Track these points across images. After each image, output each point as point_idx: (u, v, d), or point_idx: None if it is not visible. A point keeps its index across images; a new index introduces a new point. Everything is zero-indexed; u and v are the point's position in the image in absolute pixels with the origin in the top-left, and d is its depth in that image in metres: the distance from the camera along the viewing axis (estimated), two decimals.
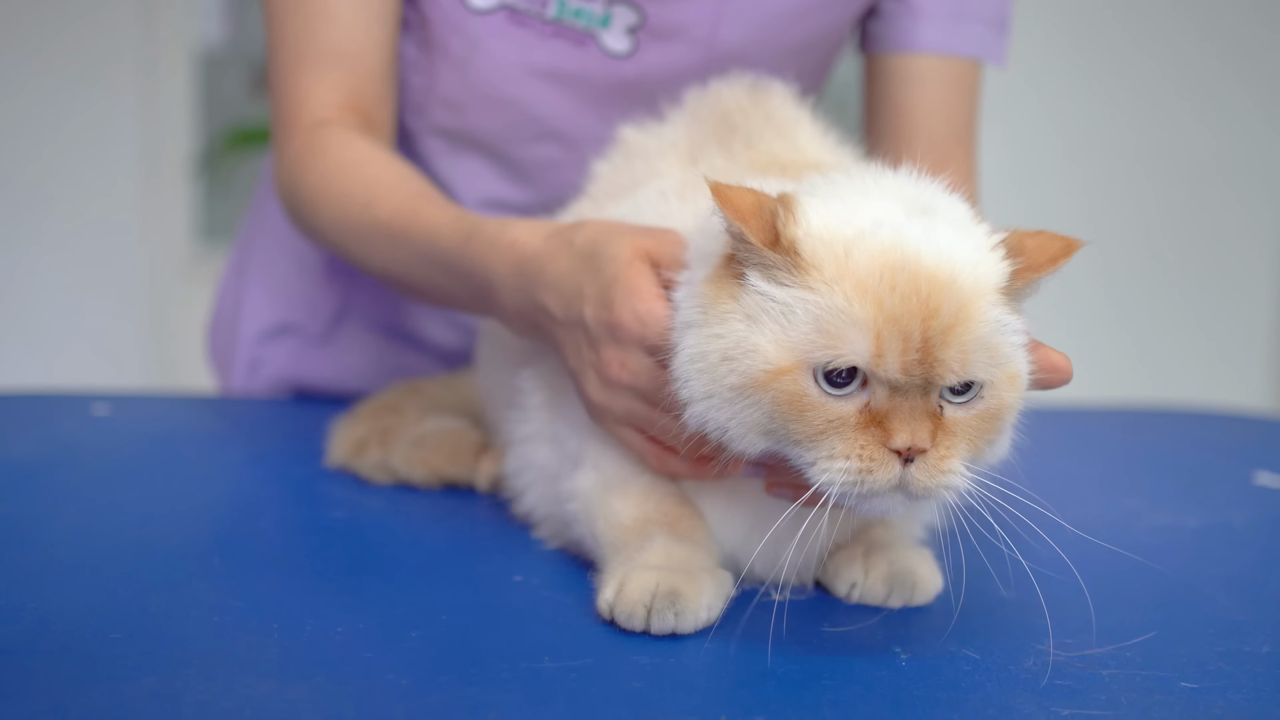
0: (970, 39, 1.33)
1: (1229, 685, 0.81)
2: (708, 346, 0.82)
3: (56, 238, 3.66)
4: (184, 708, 0.71)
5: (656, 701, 0.76)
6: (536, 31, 1.26)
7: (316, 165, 1.22)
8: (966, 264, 0.81)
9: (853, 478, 0.79)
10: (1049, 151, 3.89)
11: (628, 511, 0.93)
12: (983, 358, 0.81)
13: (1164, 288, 4.02)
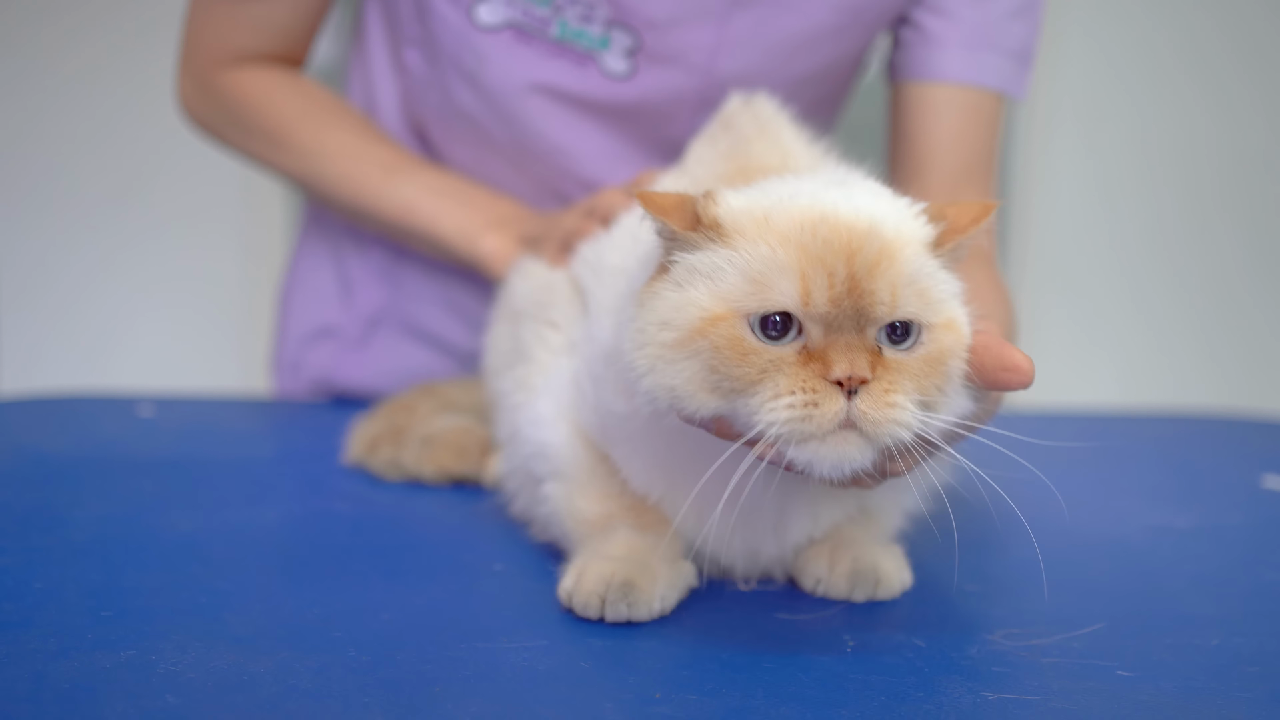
0: (990, 70, 1.33)
1: (1164, 675, 0.83)
2: (645, 320, 0.85)
3: (155, 237, 3.75)
4: (153, 677, 0.77)
5: (599, 680, 0.81)
6: (540, 50, 1.31)
7: (265, 76, 1.42)
8: (886, 217, 0.85)
9: (797, 413, 0.79)
10: (1126, 152, 3.86)
11: (591, 508, 0.97)
12: (913, 295, 0.83)
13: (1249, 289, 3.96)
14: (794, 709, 0.77)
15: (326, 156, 1.42)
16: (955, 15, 1.32)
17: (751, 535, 0.96)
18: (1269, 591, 1.03)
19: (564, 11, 1.29)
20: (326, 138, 1.42)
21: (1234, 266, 3.92)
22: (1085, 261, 3.97)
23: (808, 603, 0.97)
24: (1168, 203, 3.90)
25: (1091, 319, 3.98)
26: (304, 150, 1.43)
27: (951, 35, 1.32)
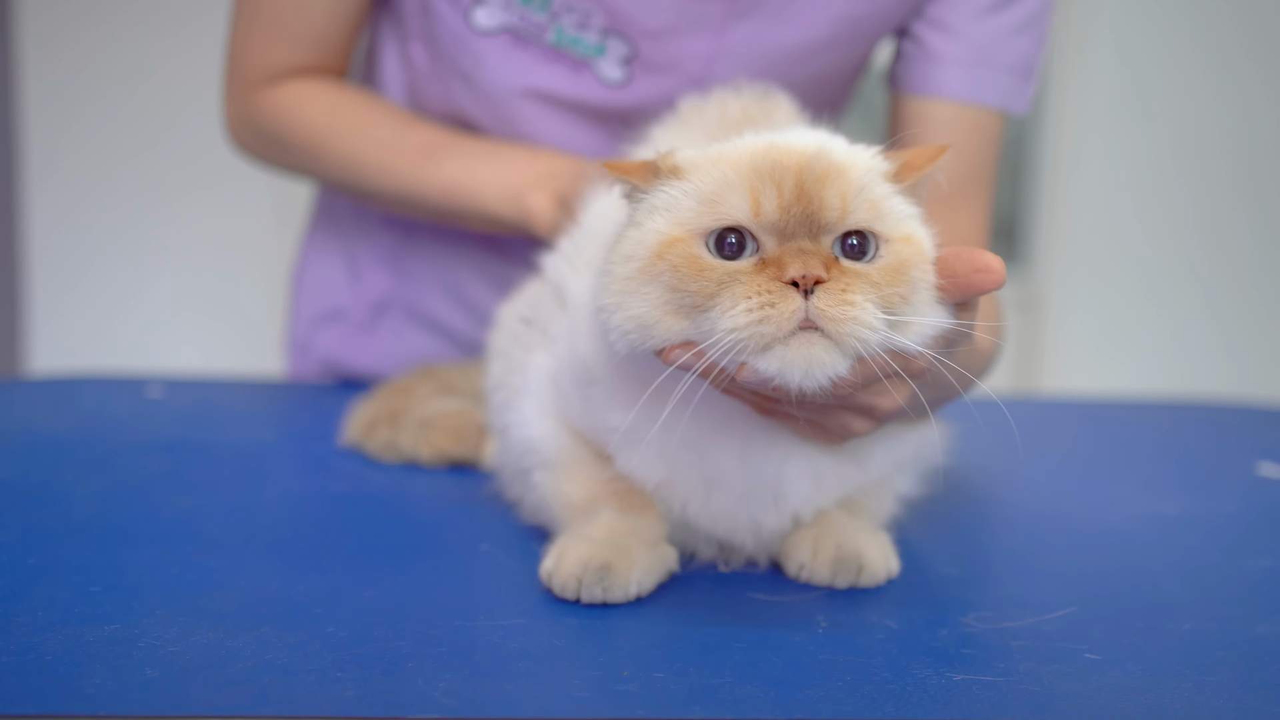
0: (990, 87, 1.31)
1: (1131, 658, 0.84)
2: (611, 262, 0.88)
3: (194, 225, 3.79)
4: (134, 650, 0.79)
5: (570, 658, 0.82)
6: (536, 55, 1.33)
7: (296, 88, 1.41)
8: (835, 144, 0.89)
9: (755, 315, 0.80)
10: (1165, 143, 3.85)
11: (576, 492, 0.99)
12: (865, 205, 0.85)
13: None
14: (759, 688, 0.78)
15: (362, 154, 1.40)
16: (956, 31, 1.30)
17: (748, 506, 0.96)
18: (1250, 578, 1.03)
19: (560, 18, 1.29)
20: (360, 136, 1.41)
21: (1269, 252, 3.90)
22: (1112, 251, 3.95)
23: (788, 586, 0.98)
24: (1198, 189, 3.88)
25: (1118, 308, 3.97)
26: (340, 153, 1.41)
27: (952, 52, 1.30)
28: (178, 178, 3.76)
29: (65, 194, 3.76)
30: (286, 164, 1.48)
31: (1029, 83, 1.33)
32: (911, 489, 1.07)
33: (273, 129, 1.43)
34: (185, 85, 3.66)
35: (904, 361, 0.85)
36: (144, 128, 3.72)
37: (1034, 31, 1.32)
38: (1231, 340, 3.93)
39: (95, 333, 3.83)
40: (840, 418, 0.91)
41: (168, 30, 3.68)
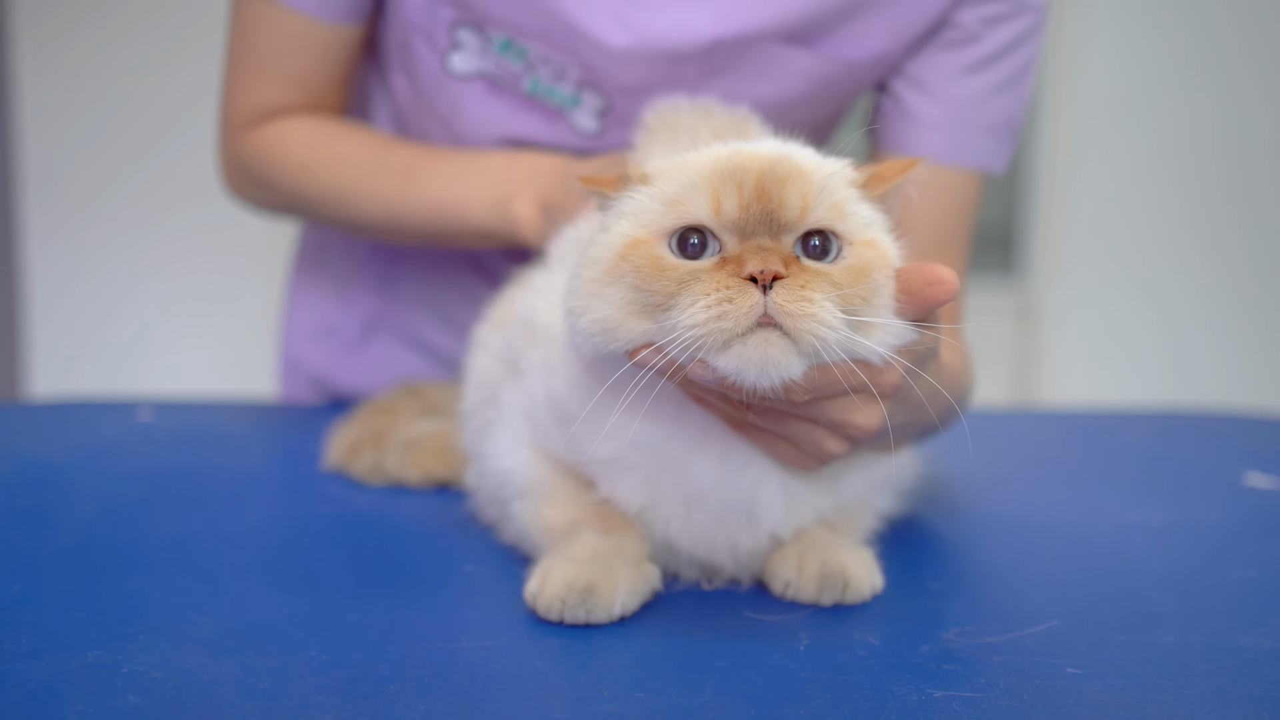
0: (968, 150, 1.29)
1: (1113, 671, 0.85)
2: (580, 267, 0.90)
3: (191, 243, 3.80)
4: (116, 677, 0.79)
5: (551, 679, 0.82)
6: (511, 102, 1.33)
7: (280, 126, 1.39)
8: (801, 151, 0.90)
9: (713, 310, 0.81)
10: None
11: (557, 515, 0.99)
12: (826, 206, 0.86)
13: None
14: (740, 706, 0.78)
15: (346, 183, 1.37)
16: (935, 91, 1.29)
17: (726, 525, 0.97)
18: (1233, 589, 1.03)
19: (536, 69, 1.29)
20: (342, 165, 1.38)
21: (1265, 261, 3.91)
22: (1107, 260, 3.96)
23: (770, 604, 0.98)
24: (1195, 198, 3.89)
25: (1113, 317, 3.97)
26: (324, 185, 1.38)
27: (930, 113, 1.29)
28: (174, 196, 3.77)
29: (62, 213, 3.78)
30: (275, 204, 1.46)
31: (1009, 142, 1.31)
32: (890, 507, 1.08)
33: (257, 168, 1.41)
34: (183, 103, 3.67)
35: (872, 373, 0.86)
36: (139, 146, 3.73)
37: (1015, 91, 1.30)
38: (1227, 349, 3.93)
39: (94, 352, 3.83)
40: (814, 436, 0.91)
41: (163, 48, 3.69)
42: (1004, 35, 1.27)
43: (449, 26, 1.30)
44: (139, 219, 3.79)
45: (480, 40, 1.30)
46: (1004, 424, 1.80)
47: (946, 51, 1.28)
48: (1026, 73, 1.31)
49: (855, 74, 1.30)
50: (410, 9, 1.32)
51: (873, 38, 1.27)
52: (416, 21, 1.32)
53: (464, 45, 1.30)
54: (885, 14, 1.26)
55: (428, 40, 1.33)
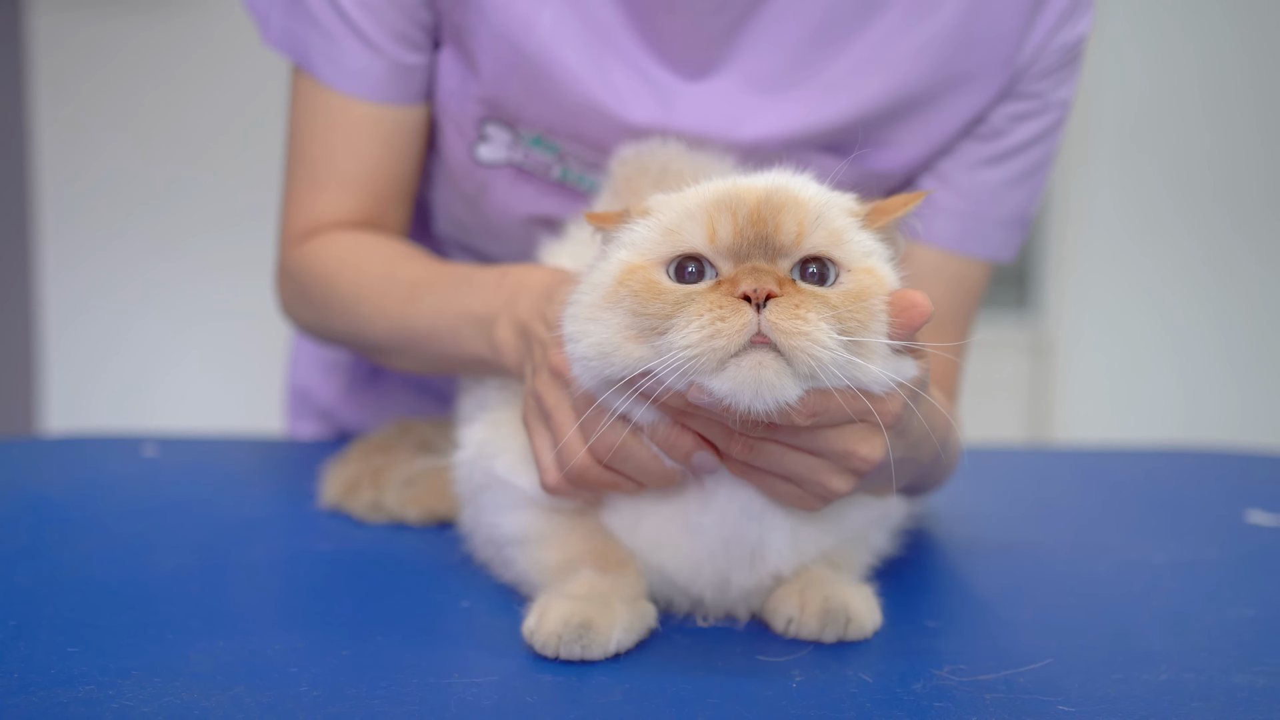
0: (979, 240, 1.29)
1: (1105, 710, 0.84)
2: (579, 293, 0.91)
3: (199, 280, 3.82)
4: (105, 712, 0.79)
5: (541, 713, 0.82)
6: (540, 188, 1.31)
7: (326, 237, 1.30)
8: (800, 181, 0.91)
9: (706, 330, 0.81)
10: None
11: (552, 557, 1.00)
12: (823, 232, 0.87)
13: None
14: None
15: (359, 296, 1.26)
16: (951, 180, 1.28)
17: (728, 563, 0.97)
18: (1232, 627, 1.03)
19: (567, 160, 1.28)
20: (359, 275, 1.27)
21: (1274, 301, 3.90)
22: (1121, 295, 3.96)
23: (765, 640, 0.97)
24: (1209, 233, 3.89)
25: (1128, 352, 3.97)
26: (343, 296, 1.27)
27: (946, 201, 1.28)
28: (188, 226, 3.79)
29: (77, 243, 3.80)
30: (313, 321, 1.35)
31: (1020, 233, 1.31)
32: (885, 545, 1.07)
33: (300, 278, 1.32)
34: (199, 142, 3.71)
35: (874, 401, 0.85)
36: (154, 176, 3.76)
37: (1032, 183, 1.30)
38: (1243, 385, 3.92)
39: (108, 382, 3.85)
40: (817, 473, 0.91)
41: (178, 75, 3.71)
42: (1028, 130, 1.27)
43: (477, 122, 1.29)
44: (153, 249, 3.81)
45: (510, 135, 1.28)
46: (1008, 461, 1.80)
47: (969, 143, 1.28)
48: (1045, 166, 1.30)
49: (886, 182, 1.30)
50: (443, 93, 1.30)
51: (908, 147, 1.26)
52: (447, 107, 1.31)
53: (492, 139, 1.29)
54: (924, 122, 1.25)
55: (456, 128, 1.31)
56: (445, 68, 1.28)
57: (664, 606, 1.00)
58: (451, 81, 1.28)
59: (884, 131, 1.25)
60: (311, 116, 1.30)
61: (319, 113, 1.29)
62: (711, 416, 0.87)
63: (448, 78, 1.28)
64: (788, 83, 1.23)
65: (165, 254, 3.80)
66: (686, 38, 1.22)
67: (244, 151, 3.65)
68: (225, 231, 3.75)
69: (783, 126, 1.23)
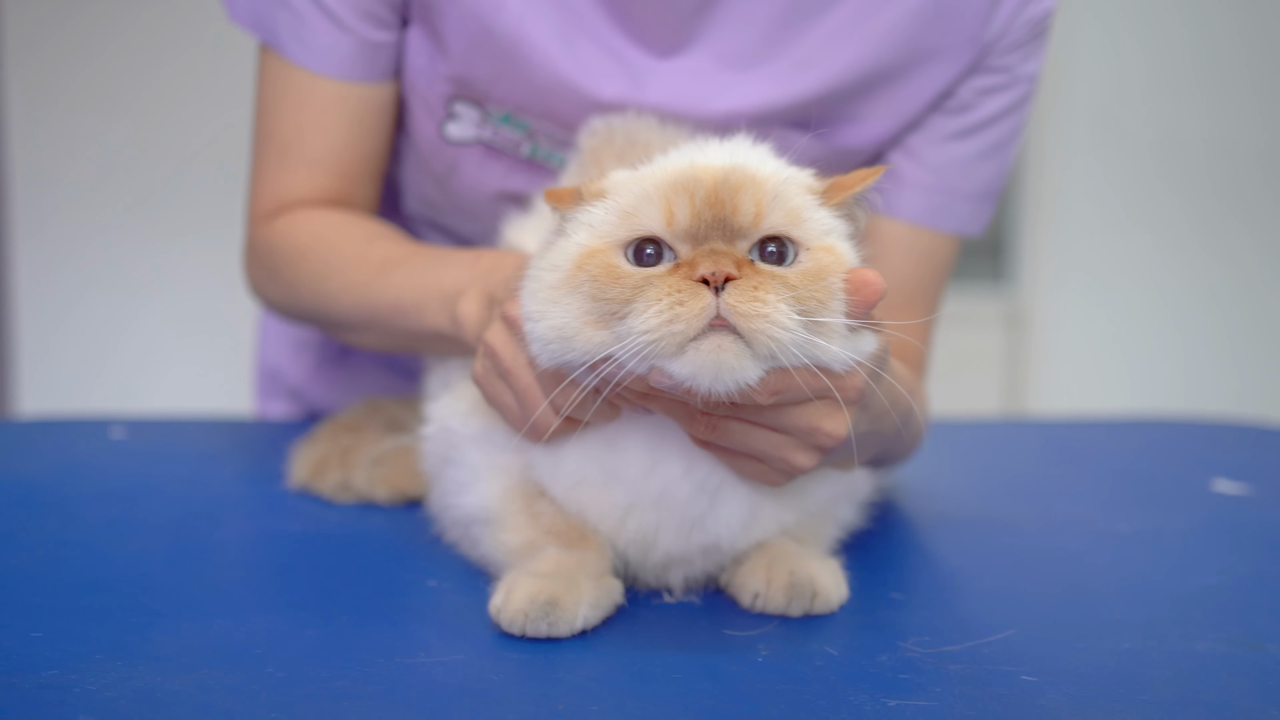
0: (947, 214, 1.30)
1: (1068, 679, 0.85)
2: (537, 269, 0.91)
3: (179, 263, 3.80)
4: (69, 696, 0.79)
5: (507, 692, 0.82)
6: (510, 165, 1.30)
7: (295, 214, 1.30)
8: (756, 157, 0.91)
9: (665, 315, 0.81)
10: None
11: (515, 539, 1.00)
12: (780, 212, 0.87)
13: None
14: (695, 718, 0.78)
15: (329, 271, 1.25)
16: (919, 155, 1.28)
17: (656, 521, 0.97)
18: (1194, 595, 1.04)
19: (537, 138, 1.27)
20: (329, 252, 1.27)
21: (1254, 269, 3.92)
22: (1096, 267, 3.97)
23: (731, 615, 0.98)
24: (1184, 206, 3.90)
25: (1103, 324, 3.98)
26: (311, 272, 1.27)
27: (915, 175, 1.28)
28: (164, 214, 3.77)
29: (52, 230, 3.77)
30: (282, 299, 1.34)
31: (989, 207, 1.32)
32: (852, 518, 1.08)
33: (268, 256, 1.32)
34: (168, 117, 3.68)
35: (835, 378, 0.86)
36: (129, 159, 3.73)
37: (1000, 157, 1.31)
38: (1216, 355, 3.94)
39: (83, 371, 3.83)
40: (781, 450, 0.91)
41: (160, 67, 3.68)
42: (996, 104, 1.27)
43: (445, 100, 1.29)
44: (129, 237, 3.79)
45: (478, 113, 1.28)
46: (978, 434, 1.80)
47: (937, 118, 1.28)
48: (1013, 140, 1.31)
49: (854, 158, 1.30)
50: (411, 71, 1.30)
51: (878, 121, 1.27)
52: (415, 85, 1.30)
53: (461, 117, 1.29)
54: (893, 96, 1.25)
55: (425, 106, 1.31)
56: (413, 46, 1.28)
57: (628, 581, 1.00)
58: (419, 60, 1.28)
59: (853, 106, 1.25)
60: (279, 94, 1.29)
61: (286, 90, 1.29)
62: (674, 398, 0.87)
63: (415, 56, 1.28)
64: (758, 59, 1.23)
65: (142, 240, 3.78)
66: (658, 15, 1.22)
67: (211, 125, 3.63)
68: (202, 218, 3.73)
69: (754, 102, 1.23)
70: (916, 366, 1.24)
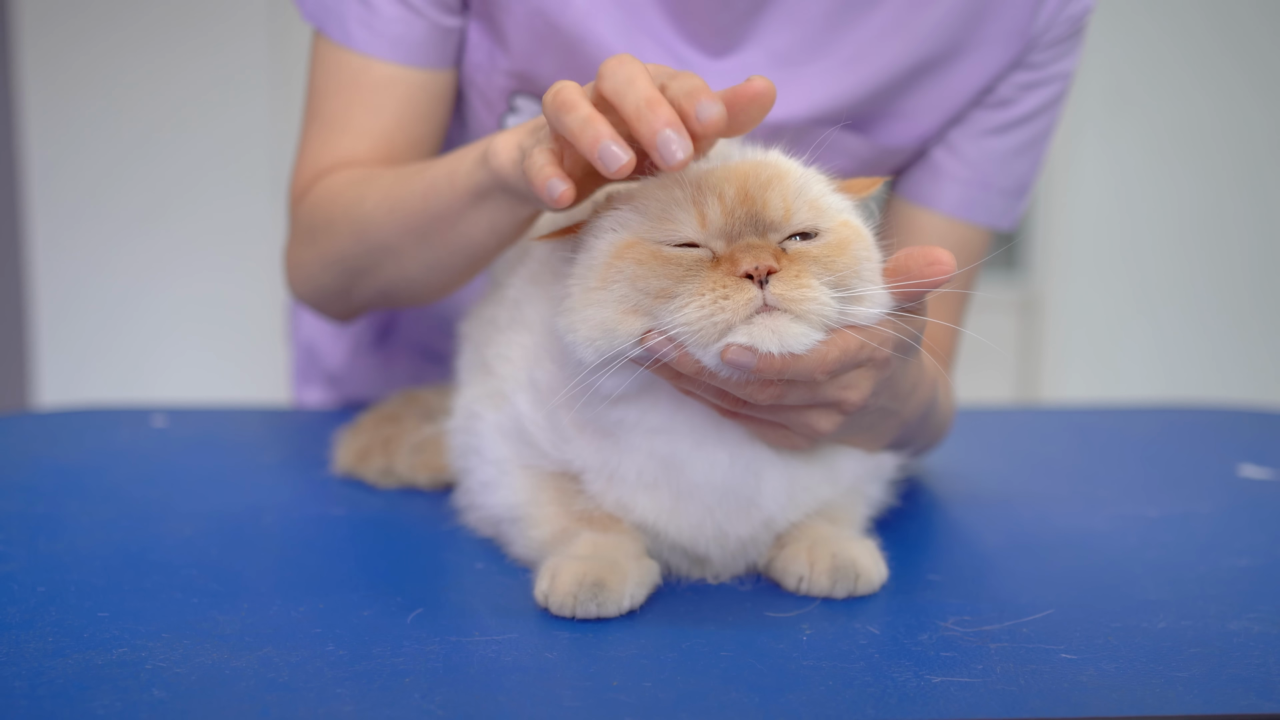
0: (983, 208, 1.32)
1: (1106, 656, 0.87)
2: (568, 288, 0.93)
3: (196, 254, 3.82)
4: (141, 673, 0.82)
5: (561, 670, 0.85)
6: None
7: (339, 176, 1.27)
8: (778, 157, 0.95)
9: (709, 307, 0.84)
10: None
11: (545, 532, 1.02)
12: (806, 207, 0.90)
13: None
14: (743, 694, 0.81)
15: (367, 195, 1.21)
16: (958, 149, 1.31)
17: (725, 516, 0.99)
18: (1225, 576, 1.06)
19: None
20: (371, 183, 1.22)
21: (1270, 255, 3.93)
22: (1110, 255, 3.98)
23: (774, 596, 1.00)
24: (1197, 193, 3.91)
25: (1116, 312, 3.99)
26: (349, 203, 1.23)
27: (951, 169, 1.31)
28: (180, 200, 3.80)
29: (67, 220, 3.81)
30: (318, 260, 1.29)
31: (1022, 202, 1.35)
32: (881, 495, 1.11)
33: (306, 219, 1.29)
34: (189, 106, 3.70)
35: (864, 332, 0.89)
36: (145, 149, 3.76)
37: (1035, 153, 1.33)
38: (1229, 343, 3.96)
39: (101, 360, 3.86)
40: (805, 416, 0.94)
41: (170, 52, 3.71)
42: (1035, 100, 1.30)
43: (506, 94, 1.30)
44: (144, 224, 3.81)
45: (538, 107, 1.28)
46: (1001, 420, 1.83)
47: (978, 112, 1.31)
48: (1047, 136, 1.33)
49: (897, 157, 1.32)
50: (469, 66, 1.31)
51: (924, 117, 1.29)
52: (474, 80, 1.31)
53: (522, 110, 1.30)
54: (940, 90, 1.28)
55: (483, 100, 1.32)
56: (472, 40, 1.29)
57: (663, 568, 1.03)
58: (478, 55, 1.29)
59: (901, 102, 1.28)
60: (329, 78, 1.29)
61: (338, 73, 1.28)
62: (714, 383, 0.89)
63: (474, 51, 1.29)
64: (810, 56, 1.25)
65: (157, 227, 3.80)
66: (713, 15, 1.24)
67: (237, 119, 3.66)
68: (219, 204, 3.75)
69: (806, 102, 1.25)
70: (946, 357, 1.26)
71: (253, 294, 3.84)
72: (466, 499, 1.13)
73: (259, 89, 3.71)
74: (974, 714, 0.78)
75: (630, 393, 0.95)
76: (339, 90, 1.29)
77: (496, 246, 1.13)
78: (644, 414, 0.97)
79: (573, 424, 1.00)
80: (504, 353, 1.08)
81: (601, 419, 0.98)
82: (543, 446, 1.02)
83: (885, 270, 0.91)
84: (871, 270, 0.90)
